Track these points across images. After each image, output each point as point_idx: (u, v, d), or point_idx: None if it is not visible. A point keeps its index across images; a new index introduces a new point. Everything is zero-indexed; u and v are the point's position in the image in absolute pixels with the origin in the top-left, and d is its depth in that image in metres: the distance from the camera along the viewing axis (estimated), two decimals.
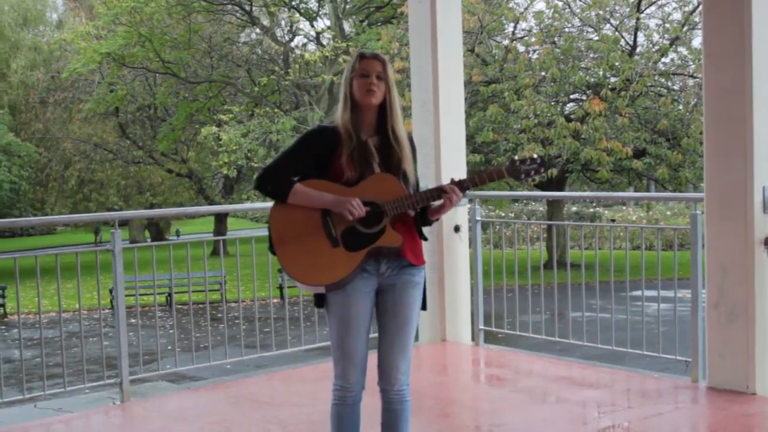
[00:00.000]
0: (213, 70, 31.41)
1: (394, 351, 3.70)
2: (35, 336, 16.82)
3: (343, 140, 3.62)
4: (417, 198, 3.60)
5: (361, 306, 3.66)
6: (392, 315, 3.70)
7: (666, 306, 6.61)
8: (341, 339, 3.69)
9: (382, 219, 3.57)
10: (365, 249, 3.57)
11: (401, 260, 3.67)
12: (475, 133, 21.87)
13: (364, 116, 3.67)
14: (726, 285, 5.36)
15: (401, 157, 3.66)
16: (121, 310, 5.89)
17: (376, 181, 3.60)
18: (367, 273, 3.65)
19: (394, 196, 3.58)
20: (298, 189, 3.62)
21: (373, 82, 3.62)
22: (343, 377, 3.73)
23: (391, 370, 3.70)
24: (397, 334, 3.70)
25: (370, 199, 3.58)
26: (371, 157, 3.64)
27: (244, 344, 7.00)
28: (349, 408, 3.77)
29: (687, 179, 21.96)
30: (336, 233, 3.59)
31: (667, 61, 23.44)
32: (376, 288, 3.70)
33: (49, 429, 5.50)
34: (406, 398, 3.77)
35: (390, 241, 3.58)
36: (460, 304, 7.13)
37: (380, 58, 3.67)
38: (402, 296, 3.69)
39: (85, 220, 19.59)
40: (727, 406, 5.23)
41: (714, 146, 5.42)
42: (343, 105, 3.66)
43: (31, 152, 33.90)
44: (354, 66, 3.65)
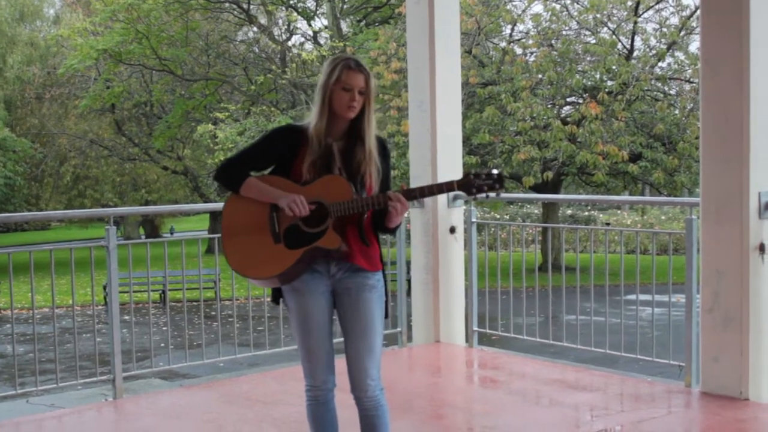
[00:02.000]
0: (210, 67, 31.38)
1: (360, 356, 3.68)
2: (28, 332, 16.79)
3: (310, 145, 3.61)
4: (362, 202, 3.56)
5: (316, 306, 3.67)
6: (351, 320, 3.69)
7: (660, 310, 6.62)
8: (303, 340, 3.70)
9: (326, 220, 3.57)
10: (303, 248, 3.56)
11: (351, 264, 3.66)
12: (472, 134, 21.87)
13: (336, 124, 3.65)
14: (721, 290, 5.36)
15: (363, 159, 3.64)
16: (114, 306, 5.88)
17: (327, 183, 3.59)
18: (318, 274, 3.66)
19: (341, 198, 3.56)
20: (250, 182, 3.64)
21: (355, 98, 3.59)
22: (311, 377, 3.75)
23: (361, 376, 3.68)
24: (360, 339, 3.68)
25: (317, 199, 3.57)
26: (333, 161, 3.64)
27: (238, 342, 6.98)
28: (323, 406, 3.79)
29: (682, 184, 21.97)
30: (279, 229, 3.60)
31: (663, 65, 23.47)
32: (331, 290, 3.70)
33: (41, 425, 5.49)
34: (381, 403, 3.74)
35: (328, 243, 3.56)
36: (455, 306, 7.12)
37: (365, 71, 3.62)
38: (358, 299, 3.67)
39: (80, 216, 19.60)
40: (720, 411, 5.23)
41: (710, 151, 5.42)
42: (320, 112, 3.60)
43: (26, 148, 33.83)
44: (339, 76, 3.57)
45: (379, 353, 3.73)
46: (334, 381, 3.77)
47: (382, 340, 3.79)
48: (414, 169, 7.14)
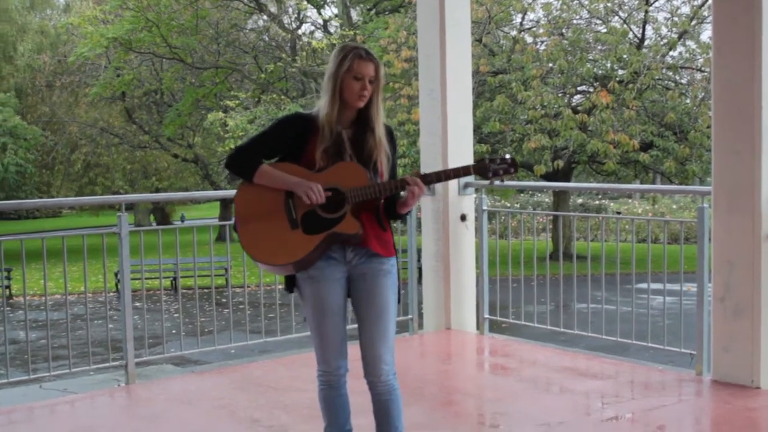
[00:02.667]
0: (220, 56, 31.34)
1: (374, 341, 3.70)
2: (40, 318, 16.88)
3: (321, 134, 3.63)
4: (379, 187, 3.60)
5: (332, 293, 3.69)
6: (367, 304, 3.72)
7: (671, 299, 6.62)
8: (317, 326, 3.73)
9: (344, 205, 3.59)
10: (322, 233, 3.58)
11: (368, 249, 3.68)
12: (482, 123, 21.83)
13: (345, 113, 3.68)
14: (732, 279, 5.36)
15: (374, 147, 3.67)
16: (126, 292, 5.92)
17: (342, 169, 3.62)
18: (334, 260, 3.68)
19: (357, 184, 3.59)
20: (264, 169, 3.65)
21: (366, 87, 3.62)
22: (324, 362, 3.78)
23: (375, 361, 3.71)
24: (374, 324, 3.71)
25: (333, 186, 3.59)
26: (344, 149, 3.66)
27: (249, 329, 7.01)
28: (335, 391, 3.82)
29: (694, 173, 21.89)
30: (296, 215, 3.61)
31: (675, 54, 23.37)
32: (347, 276, 3.73)
33: (54, 409, 5.53)
34: (395, 387, 3.77)
35: (347, 228, 3.59)
36: (465, 293, 7.14)
37: (375, 60, 3.65)
38: (374, 285, 3.70)
39: (91, 203, 19.67)
40: (731, 399, 5.24)
41: (722, 140, 5.41)
42: (331, 101, 3.62)
43: (37, 135, 33.89)
44: (350, 65, 3.59)
45: (393, 338, 3.76)
46: (346, 366, 3.80)
47: (395, 326, 3.81)
48: (424, 157, 7.15)
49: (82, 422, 5.24)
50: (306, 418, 5.00)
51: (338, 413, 3.84)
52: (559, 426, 4.88)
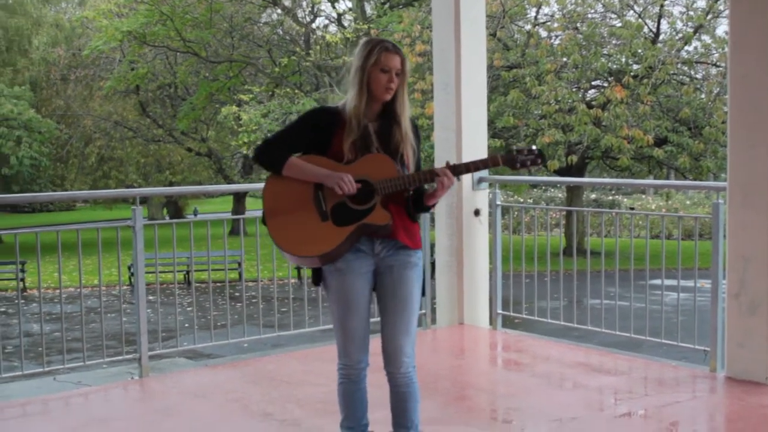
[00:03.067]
0: (234, 49, 31.39)
1: (397, 333, 3.72)
2: (54, 311, 16.95)
3: (348, 127, 3.65)
4: (409, 179, 3.62)
5: (358, 285, 3.70)
6: (392, 296, 3.73)
7: (684, 296, 6.59)
8: (342, 319, 3.73)
9: (373, 197, 3.60)
10: (353, 225, 3.60)
11: (396, 241, 3.70)
12: (496, 117, 21.80)
13: (372, 106, 3.70)
14: (747, 275, 5.33)
15: (400, 140, 3.68)
16: (141, 286, 5.93)
17: (371, 161, 3.63)
18: (362, 253, 3.69)
19: (386, 176, 3.61)
20: (293, 161, 3.66)
21: (393, 80, 3.64)
22: (346, 356, 3.79)
23: (396, 353, 3.73)
24: (398, 316, 3.72)
25: (363, 177, 3.61)
26: (371, 142, 3.67)
27: (262, 323, 7.02)
28: (355, 385, 3.83)
29: (708, 169, 21.82)
30: (326, 207, 3.63)
31: (690, 49, 23.28)
32: (374, 269, 3.74)
33: (68, 402, 5.55)
34: (413, 380, 3.79)
35: (378, 219, 3.60)
36: (479, 288, 7.13)
37: (401, 53, 3.67)
38: (400, 277, 3.72)
39: (105, 196, 19.74)
40: (745, 396, 5.22)
41: (738, 136, 5.38)
42: (358, 94, 3.64)
43: (51, 129, 34.02)
44: (377, 58, 3.62)
45: (415, 331, 3.78)
46: (367, 361, 3.81)
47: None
48: (439, 151, 7.13)
49: (97, 414, 5.25)
50: (319, 412, 5.00)
51: (356, 407, 3.85)
52: (572, 422, 4.87)
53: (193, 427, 4.87)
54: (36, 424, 5.09)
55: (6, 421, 5.15)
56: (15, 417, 5.22)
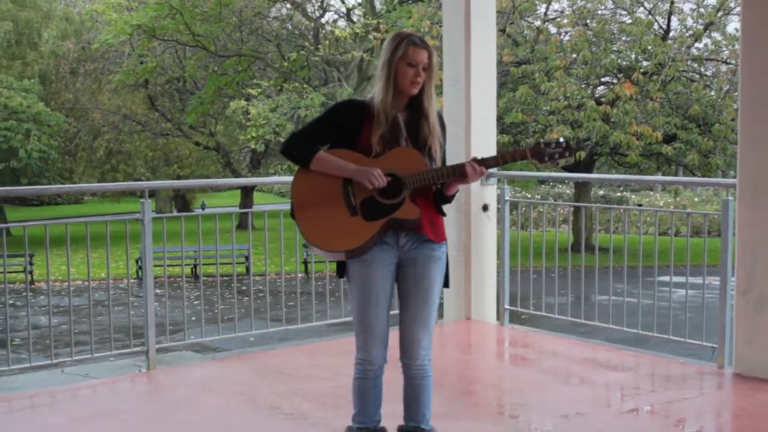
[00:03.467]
0: (243, 44, 31.40)
1: (415, 325, 3.74)
2: (61, 303, 17.00)
3: (377, 120, 3.65)
4: (438, 173, 3.63)
5: (381, 278, 3.70)
6: (413, 289, 3.74)
7: (692, 292, 6.58)
8: (362, 311, 3.74)
9: (402, 191, 3.60)
10: (382, 219, 3.60)
11: (421, 235, 3.70)
12: (504, 113, 21.78)
13: (399, 99, 3.70)
14: (756, 272, 5.32)
15: (428, 134, 3.68)
16: (149, 279, 5.94)
17: (399, 155, 3.64)
18: (387, 245, 3.70)
19: (415, 169, 3.61)
20: (321, 156, 3.66)
21: (420, 74, 3.64)
22: (364, 350, 3.78)
23: (413, 345, 3.74)
24: (418, 309, 3.73)
25: (392, 171, 3.61)
26: (400, 133, 3.68)
27: (269, 318, 7.03)
28: (371, 382, 3.82)
29: (717, 166, 21.78)
30: (355, 202, 3.63)
31: (700, 46, 23.22)
32: (397, 262, 3.74)
33: (76, 394, 5.57)
34: (428, 373, 3.81)
35: (408, 214, 3.61)
36: (486, 283, 7.12)
37: (428, 47, 3.68)
38: (423, 270, 3.72)
39: (114, 189, 19.79)
40: (752, 393, 5.21)
41: (748, 132, 5.37)
42: (385, 88, 3.64)
43: (60, 122, 34.07)
44: (405, 52, 3.62)
45: (433, 324, 3.79)
46: (385, 357, 3.81)
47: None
48: (447, 146, 7.10)
49: (105, 406, 5.26)
50: (326, 406, 5.01)
51: (370, 403, 3.85)
52: (578, 417, 4.87)
53: (201, 420, 4.88)
54: (44, 416, 5.11)
55: (14, 413, 5.17)
56: (23, 408, 5.24)
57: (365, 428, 3.87)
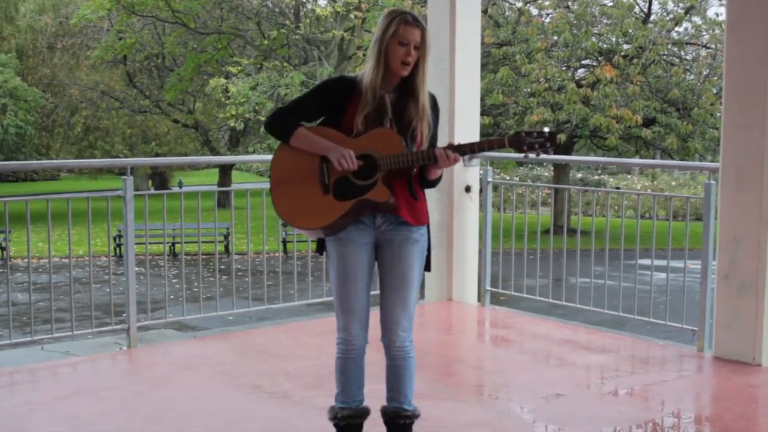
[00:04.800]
0: (222, 21, 31.17)
1: (395, 307, 3.73)
2: (38, 280, 16.89)
3: (363, 99, 3.61)
4: (412, 156, 3.58)
5: (357, 257, 3.69)
6: (390, 270, 3.73)
7: (672, 276, 6.63)
8: (341, 290, 3.73)
9: (376, 173, 3.58)
10: (352, 200, 3.59)
11: (397, 217, 3.69)
12: (485, 95, 21.74)
13: (390, 78, 3.66)
14: (738, 256, 5.35)
15: (414, 115, 3.64)
16: (130, 256, 5.91)
17: (378, 135, 3.61)
18: (364, 225, 3.69)
19: (391, 151, 3.57)
20: (301, 132, 3.65)
21: (411, 54, 3.59)
22: (345, 330, 3.78)
23: (393, 326, 3.74)
24: (397, 290, 3.72)
25: (367, 152, 3.59)
26: (385, 114, 3.64)
27: (248, 297, 7.01)
28: (353, 361, 3.82)
29: (695, 150, 21.88)
30: (329, 180, 3.62)
31: (680, 30, 23.29)
32: (374, 242, 3.73)
33: (56, 371, 5.54)
34: (410, 354, 3.80)
35: (378, 196, 3.59)
36: (467, 265, 7.13)
37: (421, 26, 3.61)
38: (400, 252, 3.71)
39: (96, 166, 19.70)
40: (732, 376, 5.25)
41: (732, 116, 5.39)
42: (375, 66, 3.60)
43: (37, 97, 33.72)
44: (396, 30, 3.57)
45: (413, 306, 3.78)
46: (366, 338, 3.80)
47: (417, 293, 3.82)
48: None
49: (85, 384, 5.24)
50: (308, 385, 5.01)
51: (352, 383, 3.85)
52: (558, 399, 4.89)
53: (182, 399, 4.87)
54: (24, 393, 5.08)
55: None
56: (3, 386, 5.20)
57: (348, 408, 3.86)
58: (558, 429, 4.45)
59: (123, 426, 4.44)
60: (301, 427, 4.40)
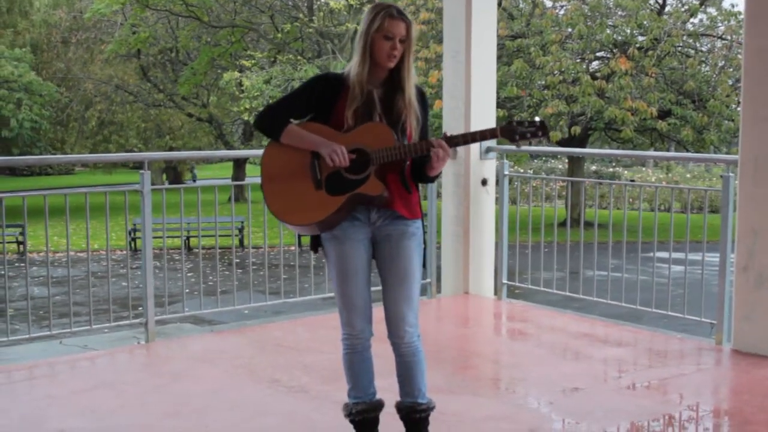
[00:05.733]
0: (236, 14, 31.20)
1: (398, 303, 3.70)
2: (54, 275, 16.97)
3: (352, 94, 3.60)
4: (404, 149, 3.56)
5: (355, 253, 3.67)
6: (390, 266, 3.70)
7: (690, 269, 6.60)
8: (341, 288, 3.72)
9: (368, 167, 3.56)
10: (345, 194, 3.57)
11: (393, 212, 3.67)
12: (499, 87, 21.67)
13: (376, 72, 3.64)
14: (756, 248, 5.33)
15: (403, 108, 3.63)
16: (148, 250, 5.92)
17: (369, 130, 3.59)
18: (359, 221, 3.67)
19: (383, 145, 3.55)
20: (291, 129, 3.64)
21: (396, 47, 3.58)
22: (348, 325, 3.77)
23: (399, 323, 3.71)
24: (398, 286, 3.70)
25: (359, 146, 3.57)
26: (374, 109, 3.63)
27: (263, 290, 7.02)
28: (359, 355, 3.81)
29: (711, 142, 21.77)
30: (321, 176, 3.60)
31: (695, 21, 23.16)
32: (371, 237, 3.71)
33: (74, 365, 5.57)
34: (419, 349, 3.78)
35: (372, 190, 3.57)
36: (484, 258, 7.12)
37: (406, 19, 3.60)
38: (398, 247, 3.69)
39: (113, 160, 19.72)
40: (750, 369, 5.23)
41: (751, 108, 5.35)
42: (361, 60, 3.59)
43: (52, 92, 33.84)
44: (381, 25, 3.55)
45: (417, 300, 3.75)
46: (371, 330, 3.79)
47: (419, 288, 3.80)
48: (447, 119, 7.10)
49: (103, 378, 5.26)
50: (326, 379, 5.01)
51: (362, 377, 3.84)
52: (575, 392, 4.88)
53: (201, 392, 4.88)
54: (44, 387, 5.10)
55: (14, 383, 5.16)
56: (22, 380, 5.24)
57: (362, 402, 3.86)
58: (575, 423, 4.44)
59: (141, 420, 4.46)
60: (318, 421, 4.41)
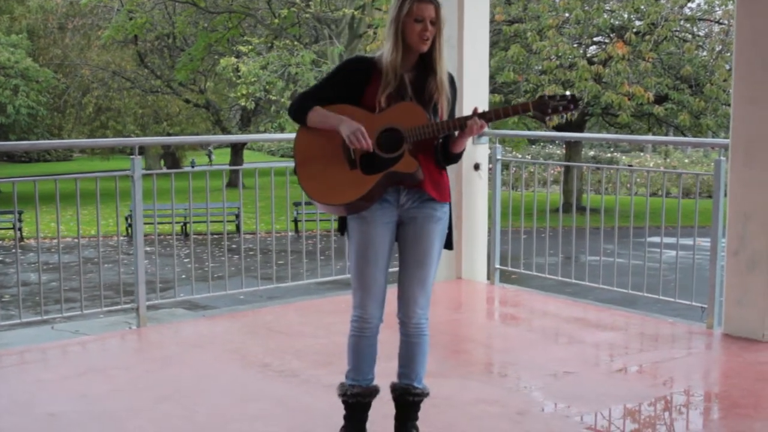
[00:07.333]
0: (233, 0, 31.09)
1: (413, 284, 3.71)
2: (51, 260, 16.97)
3: (385, 80, 3.60)
4: (438, 126, 3.57)
5: (380, 236, 3.67)
6: (412, 248, 3.71)
7: (681, 253, 6.61)
8: (359, 268, 3.71)
9: (402, 145, 3.57)
10: (381, 173, 3.57)
11: (422, 193, 3.66)
12: (496, 73, 21.67)
13: (409, 57, 3.64)
14: (747, 233, 5.33)
15: (435, 89, 3.63)
16: (139, 236, 5.92)
17: (401, 109, 3.59)
18: (387, 203, 3.66)
19: (416, 124, 3.56)
20: (315, 110, 3.64)
21: (428, 29, 3.58)
22: (361, 308, 3.75)
23: (410, 303, 3.72)
24: (416, 268, 3.70)
25: (392, 126, 3.57)
26: (405, 93, 3.63)
27: (258, 276, 7.02)
28: (367, 340, 3.80)
29: (708, 127, 21.76)
30: (355, 155, 3.60)
31: (693, 6, 23.11)
32: (397, 220, 3.71)
33: (66, 350, 5.57)
34: (425, 332, 3.79)
35: (406, 167, 3.56)
36: (477, 243, 7.12)
37: (434, 1, 3.60)
38: (422, 230, 3.69)
39: (106, 145, 19.75)
40: (741, 353, 5.24)
41: (742, 93, 5.34)
42: (394, 46, 3.59)
43: (49, 78, 33.81)
44: (411, 9, 3.56)
45: (431, 284, 3.75)
46: (381, 317, 3.78)
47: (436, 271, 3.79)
48: None
49: (95, 363, 5.26)
50: (317, 363, 5.02)
51: (364, 361, 3.83)
52: (567, 376, 4.89)
53: (192, 377, 4.88)
54: (35, 372, 5.11)
55: (4, 368, 5.16)
56: (14, 364, 5.23)
57: (358, 386, 3.86)
58: (567, 406, 4.45)
59: (132, 404, 4.46)
60: (310, 405, 4.41)
